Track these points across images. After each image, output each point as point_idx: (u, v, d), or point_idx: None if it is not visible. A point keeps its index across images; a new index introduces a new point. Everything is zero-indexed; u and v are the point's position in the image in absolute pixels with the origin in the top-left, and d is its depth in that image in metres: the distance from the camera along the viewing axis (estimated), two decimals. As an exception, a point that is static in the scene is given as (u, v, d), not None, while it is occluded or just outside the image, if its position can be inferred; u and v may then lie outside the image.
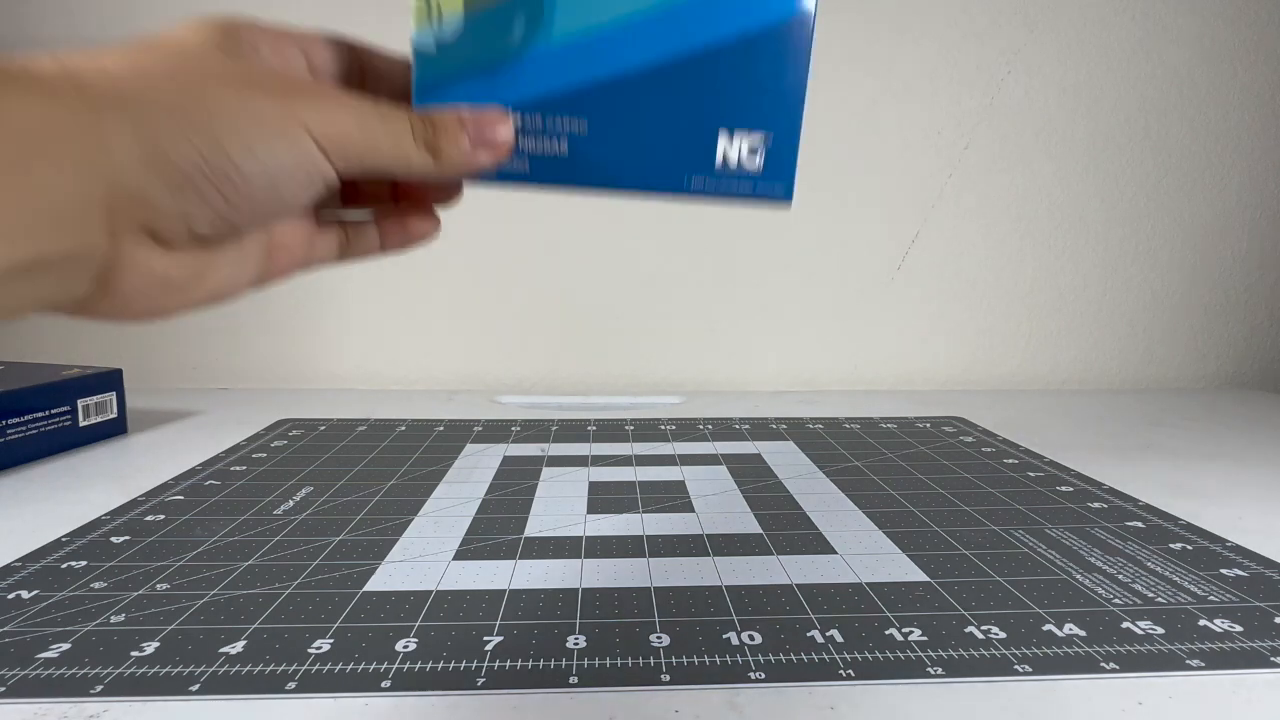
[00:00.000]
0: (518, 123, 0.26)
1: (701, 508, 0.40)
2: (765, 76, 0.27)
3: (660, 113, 0.27)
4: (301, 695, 0.24)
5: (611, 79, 0.26)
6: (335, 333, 0.76)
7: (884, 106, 0.75)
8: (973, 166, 0.76)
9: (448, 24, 0.26)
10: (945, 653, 0.26)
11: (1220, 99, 0.76)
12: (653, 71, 0.27)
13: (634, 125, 0.27)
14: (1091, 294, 0.79)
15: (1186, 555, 0.35)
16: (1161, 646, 0.27)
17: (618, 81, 0.27)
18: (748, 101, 0.27)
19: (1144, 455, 0.52)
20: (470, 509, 0.40)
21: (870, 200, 0.76)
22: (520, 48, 0.26)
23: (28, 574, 0.32)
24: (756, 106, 0.27)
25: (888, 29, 0.74)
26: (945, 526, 0.38)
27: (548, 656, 0.26)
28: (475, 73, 0.26)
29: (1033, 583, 0.32)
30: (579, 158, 0.27)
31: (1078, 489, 0.44)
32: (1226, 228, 0.78)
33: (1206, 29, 0.75)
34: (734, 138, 0.28)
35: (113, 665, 0.25)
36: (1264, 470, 0.49)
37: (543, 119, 0.26)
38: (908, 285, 0.77)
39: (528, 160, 0.27)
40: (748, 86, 0.27)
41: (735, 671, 0.25)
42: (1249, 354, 0.81)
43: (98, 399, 0.53)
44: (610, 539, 0.36)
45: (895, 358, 0.79)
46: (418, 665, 0.25)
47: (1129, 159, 0.77)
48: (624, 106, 0.27)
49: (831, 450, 0.52)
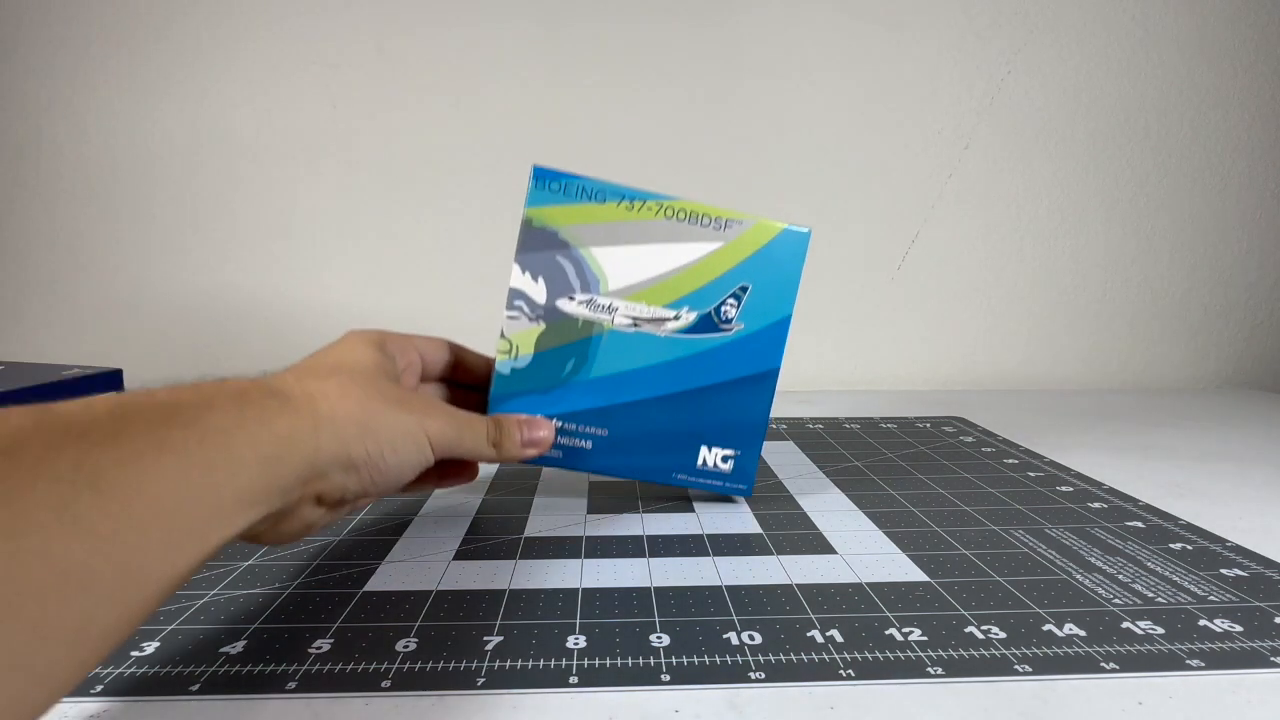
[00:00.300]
0: (558, 425, 0.38)
1: (701, 508, 0.40)
2: (739, 411, 0.39)
3: (659, 429, 0.38)
4: (301, 695, 0.24)
5: (628, 403, 0.38)
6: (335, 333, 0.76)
7: (884, 106, 0.75)
8: (973, 166, 0.76)
9: (521, 359, 0.37)
10: (945, 653, 0.26)
11: (1220, 99, 0.76)
12: (658, 400, 0.38)
13: (639, 435, 0.38)
14: (1091, 294, 0.79)
15: (1186, 555, 0.35)
16: (1161, 646, 0.27)
17: (632, 405, 0.38)
18: (725, 428, 0.39)
19: (1144, 455, 0.52)
20: (470, 509, 0.40)
21: (870, 200, 0.76)
22: (568, 378, 0.38)
23: (28, 574, 0.32)
24: (731, 432, 0.39)
25: (888, 29, 0.74)
26: (945, 526, 0.38)
27: (548, 656, 0.26)
28: (535, 391, 0.37)
29: (1033, 583, 0.32)
30: (599, 453, 0.38)
31: (1078, 489, 0.44)
32: (1226, 228, 0.78)
33: (1206, 29, 0.75)
34: (712, 450, 0.39)
35: (113, 665, 0.25)
36: (1264, 470, 0.49)
37: (576, 425, 0.38)
38: (908, 285, 0.77)
39: (563, 451, 0.38)
40: (726, 417, 0.39)
41: (735, 671, 0.25)
42: (1249, 354, 0.81)
43: (98, 399, 0.53)
44: (610, 539, 0.36)
45: (895, 358, 0.79)
46: (418, 665, 0.25)
47: (1129, 159, 0.77)
48: (634, 422, 0.38)
49: (831, 450, 0.52)
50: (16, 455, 0.18)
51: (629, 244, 0.37)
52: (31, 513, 0.17)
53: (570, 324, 0.37)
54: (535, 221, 0.37)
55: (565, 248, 0.37)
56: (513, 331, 0.37)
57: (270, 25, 0.72)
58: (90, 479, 0.19)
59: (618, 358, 0.38)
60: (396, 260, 0.75)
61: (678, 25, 0.73)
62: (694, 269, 0.38)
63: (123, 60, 0.72)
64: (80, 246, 0.74)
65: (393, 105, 0.73)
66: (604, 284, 0.37)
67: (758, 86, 0.74)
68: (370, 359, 0.33)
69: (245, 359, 0.76)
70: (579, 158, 0.74)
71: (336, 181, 0.74)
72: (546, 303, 0.37)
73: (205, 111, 0.73)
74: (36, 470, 0.18)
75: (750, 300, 0.38)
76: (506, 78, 0.73)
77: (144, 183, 0.74)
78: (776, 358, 0.39)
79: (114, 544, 0.19)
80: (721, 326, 0.38)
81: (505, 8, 0.72)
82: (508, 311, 0.37)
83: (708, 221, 0.38)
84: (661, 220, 0.37)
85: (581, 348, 0.38)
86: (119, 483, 0.19)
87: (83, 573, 0.18)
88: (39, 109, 0.72)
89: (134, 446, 0.20)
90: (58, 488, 0.18)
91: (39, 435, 0.19)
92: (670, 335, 0.38)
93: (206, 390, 0.24)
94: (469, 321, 0.76)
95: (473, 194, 0.75)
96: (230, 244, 0.75)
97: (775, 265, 0.38)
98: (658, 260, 0.37)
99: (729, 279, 0.38)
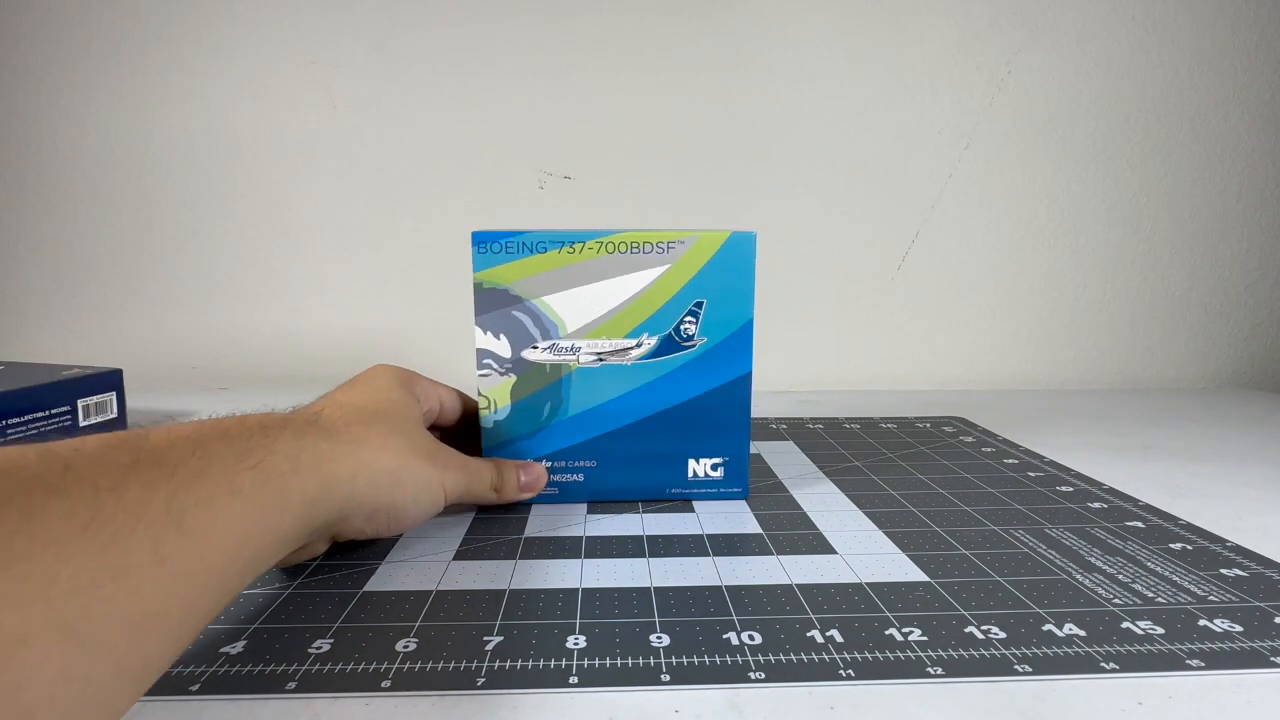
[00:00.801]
0: (549, 465, 0.40)
1: (701, 508, 0.40)
2: (719, 420, 0.40)
3: (645, 451, 0.40)
4: (301, 695, 0.24)
5: (609, 433, 0.40)
6: (335, 334, 0.76)
7: (884, 106, 0.75)
8: (973, 166, 0.76)
9: (501, 411, 0.40)
10: (945, 653, 0.26)
11: (1220, 99, 0.76)
12: (637, 425, 0.40)
13: (627, 461, 0.40)
14: (1091, 294, 0.79)
15: (1186, 555, 0.35)
16: (1161, 646, 0.27)
17: (614, 434, 0.40)
18: (709, 438, 0.40)
19: (1144, 455, 0.52)
20: (470, 509, 0.40)
21: (870, 200, 0.76)
22: (547, 420, 0.40)
23: (28, 574, 0.32)
24: (715, 441, 0.40)
25: (887, 28, 0.74)
26: (945, 526, 0.38)
27: (548, 656, 0.26)
28: (520, 438, 0.40)
29: (1033, 583, 0.32)
30: (592, 484, 0.41)
31: (1078, 489, 0.44)
32: (1226, 228, 0.78)
33: (1206, 29, 0.75)
34: (700, 461, 0.41)
35: (113, 665, 0.25)
36: (1264, 470, 0.49)
37: (565, 462, 0.40)
38: (908, 285, 0.77)
39: (558, 488, 0.40)
40: (708, 428, 0.40)
41: (735, 671, 0.25)
42: (1249, 354, 0.81)
43: (98, 399, 0.53)
44: (610, 539, 0.36)
45: (895, 358, 0.79)
46: (418, 665, 0.25)
47: (1129, 159, 0.77)
48: (619, 449, 0.40)
49: (831, 450, 0.52)
50: (120, 494, 0.19)
51: (578, 285, 0.38)
52: (132, 554, 0.18)
53: (539, 371, 0.39)
54: (485, 283, 0.38)
55: (518, 302, 0.38)
56: (488, 388, 0.39)
57: (270, 25, 0.72)
58: (177, 519, 0.20)
59: (591, 393, 0.39)
60: (396, 260, 0.75)
61: (678, 25, 0.73)
62: (646, 296, 0.39)
63: (122, 60, 0.72)
64: (80, 246, 0.74)
65: (393, 105, 0.73)
66: (562, 328, 0.39)
67: (758, 86, 0.74)
68: (406, 406, 0.35)
69: (245, 359, 0.76)
70: (579, 158, 0.74)
71: (336, 181, 0.74)
72: (512, 356, 0.39)
73: (205, 111, 0.73)
74: (138, 514, 0.19)
75: (709, 313, 0.39)
76: (507, 77, 0.73)
77: (143, 183, 0.74)
78: (746, 363, 0.40)
79: (187, 584, 0.20)
80: (684, 345, 0.39)
81: (505, 8, 0.72)
82: (479, 371, 0.39)
83: (649, 248, 0.38)
84: (604, 256, 0.38)
85: (554, 391, 0.39)
86: (199, 524, 0.20)
87: (161, 611, 0.19)
88: (39, 109, 0.72)
89: (211, 487, 0.21)
90: (152, 529, 0.19)
91: (137, 474, 0.20)
92: (636, 363, 0.39)
93: (272, 427, 0.26)
94: (469, 320, 0.76)
95: (473, 194, 0.75)
96: (230, 244, 0.75)
97: (727, 274, 0.39)
98: (609, 295, 0.39)
99: (682, 297, 0.39)
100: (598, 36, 0.72)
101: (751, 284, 0.39)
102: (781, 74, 0.74)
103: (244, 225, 0.74)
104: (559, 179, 0.74)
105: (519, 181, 0.75)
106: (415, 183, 0.74)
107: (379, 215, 0.75)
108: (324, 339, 0.76)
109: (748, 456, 0.41)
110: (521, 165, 0.74)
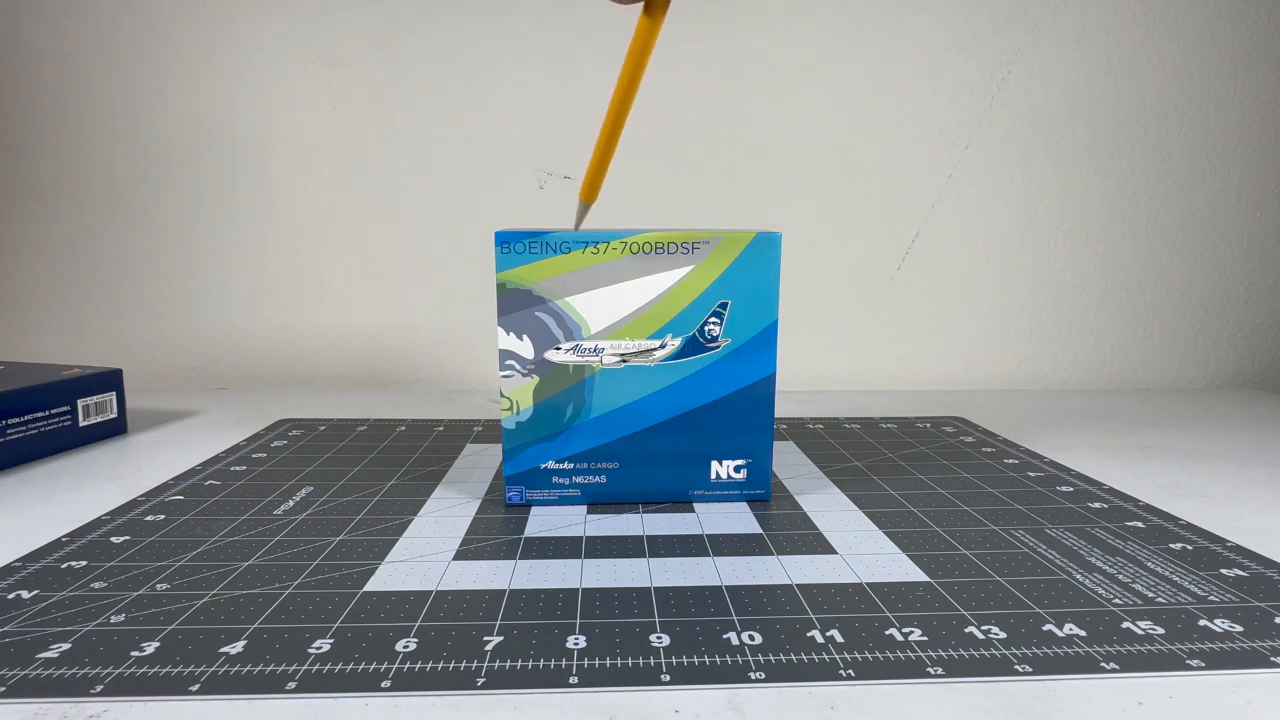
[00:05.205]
0: (571, 467, 0.40)
1: (701, 508, 0.40)
2: (743, 421, 0.40)
3: (667, 452, 0.40)
4: (301, 695, 0.24)
5: (632, 435, 0.40)
6: (334, 333, 0.76)
7: (884, 106, 0.75)
8: (973, 166, 0.76)
9: (523, 413, 0.39)
10: (945, 653, 0.26)
11: (1220, 99, 0.76)
12: (660, 426, 0.39)
13: (649, 462, 0.40)
14: (1091, 294, 0.79)
15: (1186, 555, 0.35)
16: (1161, 646, 0.27)
17: (636, 436, 0.40)
18: (732, 440, 0.40)
19: (1144, 455, 0.52)
20: (470, 509, 0.40)
21: (870, 200, 0.76)
22: (570, 421, 0.39)
23: (28, 574, 0.32)
24: (738, 442, 0.40)
25: (887, 28, 0.74)
26: (945, 526, 0.38)
27: (548, 656, 0.26)
28: (542, 439, 0.40)
29: (1033, 583, 0.32)
30: (614, 486, 0.40)
31: (1078, 489, 0.44)
32: (1226, 228, 0.79)
33: (1206, 29, 0.75)
34: (723, 462, 0.40)
35: (113, 665, 0.25)
36: (1264, 470, 0.49)
37: (588, 464, 0.40)
38: (908, 285, 0.77)
39: (580, 490, 0.40)
40: (731, 429, 0.40)
41: (735, 671, 0.25)
42: (1249, 354, 0.81)
43: (98, 399, 0.53)
44: (610, 539, 0.36)
45: (895, 358, 0.79)
46: (418, 665, 0.25)
47: (1129, 159, 0.77)
48: (642, 451, 0.40)
49: (831, 450, 0.52)
50: None
51: (602, 287, 0.38)
52: None
53: (562, 372, 0.39)
54: (509, 284, 0.38)
55: (541, 303, 0.38)
56: (510, 389, 0.39)
57: (270, 25, 0.72)
58: None
59: (614, 394, 0.39)
60: (397, 259, 0.75)
61: (678, 26, 0.72)
62: (670, 297, 0.38)
63: (122, 60, 0.72)
64: (80, 246, 0.74)
65: (393, 105, 0.73)
66: (585, 329, 0.38)
67: (758, 86, 0.74)
68: None
69: (245, 359, 0.76)
70: (579, 158, 0.74)
71: (336, 181, 0.74)
72: (535, 357, 0.39)
73: (205, 111, 0.73)
74: None
75: (733, 314, 0.39)
76: (506, 78, 0.73)
77: (143, 183, 0.74)
78: (770, 364, 0.39)
79: None
80: (708, 346, 0.39)
81: (506, 8, 0.72)
82: (501, 371, 0.39)
83: (674, 248, 0.38)
84: (628, 257, 0.38)
85: (577, 392, 0.39)
86: None
87: None
88: (39, 109, 0.72)
89: None
90: None
91: None
92: (660, 364, 0.39)
93: None
94: (468, 320, 0.76)
95: (473, 193, 0.75)
96: (230, 244, 0.75)
97: (752, 275, 0.39)
98: (633, 296, 0.38)
99: (707, 298, 0.39)
100: (598, 37, 0.72)
101: (776, 285, 0.39)
102: (781, 74, 0.74)
103: (244, 225, 0.74)
104: (559, 179, 0.74)
105: (518, 180, 0.75)
106: (415, 183, 0.74)
107: (379, 215, 0.75)
108: (324, 339, 0.76)
109: (770, 458, 0.41)
110: (522, 165, 0.74)
